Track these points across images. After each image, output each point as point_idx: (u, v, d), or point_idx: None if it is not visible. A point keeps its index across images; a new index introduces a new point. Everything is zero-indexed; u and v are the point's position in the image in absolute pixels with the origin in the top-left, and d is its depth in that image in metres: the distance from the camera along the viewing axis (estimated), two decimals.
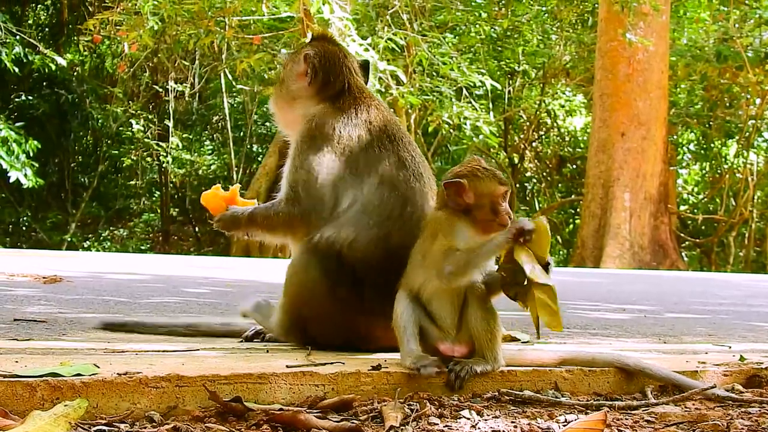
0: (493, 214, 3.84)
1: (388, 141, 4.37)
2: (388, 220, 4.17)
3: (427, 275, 3.84)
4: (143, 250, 38.63)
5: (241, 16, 25.48)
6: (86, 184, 37.74)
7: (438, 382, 3.65)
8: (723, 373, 4.15)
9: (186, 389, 3.18)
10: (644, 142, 33.28)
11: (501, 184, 3.88)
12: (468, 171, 3.92)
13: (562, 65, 41.80)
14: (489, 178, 3.88)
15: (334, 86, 4.61)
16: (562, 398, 3.68)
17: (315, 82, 4.64)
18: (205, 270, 15.79)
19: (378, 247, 4.14)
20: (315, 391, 3.41)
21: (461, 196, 3.87)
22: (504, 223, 3.82)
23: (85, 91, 35.54)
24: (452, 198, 3.89)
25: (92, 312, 6.71)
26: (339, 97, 4.56)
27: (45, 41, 33.40)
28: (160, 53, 34.22)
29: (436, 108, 27.59)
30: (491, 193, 3.86)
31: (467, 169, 3.92)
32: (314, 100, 4.60)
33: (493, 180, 3.88)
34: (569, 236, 44.49)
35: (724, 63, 38.02)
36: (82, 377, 3.07)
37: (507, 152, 43.76)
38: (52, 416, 2.80)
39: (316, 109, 4.55)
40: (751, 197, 41.18)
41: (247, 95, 38.99)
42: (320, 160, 4.37)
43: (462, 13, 32.64)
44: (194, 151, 40.87)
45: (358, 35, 21.66)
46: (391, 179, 4.25)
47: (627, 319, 8.63)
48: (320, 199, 4.33)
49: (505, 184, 3.90)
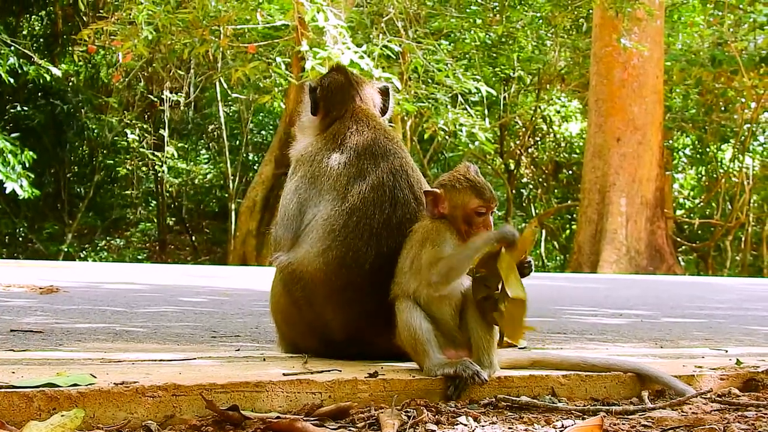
0: (467, 226, 3.86)
1: (356, 158, 4.37)
2: (331, 234, 4.20)
3: (418, 282, 3.85)
4: (140, 259, 38.60)
5: (235, 25, 25.48)
6: (82, 194, 37.69)
7: (435, 388, 3.66)
8: (720, 377, 4.15)
9: (183, 398, 3.17)
10: (640, 147, 33.31)
11: (478, 197, 3.86)
12: (448, 181, 3.94)
13: (557, 71, 41.83)
14: (466, 189, 3.88)
15: (333, 116, 4.65)
16: (559, 404, 3.68)
17: (319, 113, 4.71)
18: (202, 279, 15.79)
19: (319, 260, 4.20)
20: (312, 399, 3.41)
21: (437, 205, 3.92)
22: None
23: (81, 102, 35.53)
24: (429, 206, 3.94)
25: (89, 322, 6.71)
26: (334, 125, 4.60)
27: (40, 52, 33.39)
28: (155, 63, 34.26)
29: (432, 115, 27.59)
30: (465, 205, 3.87)
31: (448, 179, 3.95)
32: (318, 130, 4.65)
33: (470, 192, 3.87)
34: (566, 242, 44.51)
35: (719, 67, 38.07)
36: (79, 387, 3.06)
37: (503, 158, 43.78)
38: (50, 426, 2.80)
39: (313, 139, 4.60)
40: (747, 201, 41.22)
41: (243, 104, 39.01)
42: (296, 185, 4.48)
43: (457, 20, 32.65)
44: (190, 161, 40.89)
45: (353, 43, 21.66)
46: (344, 193, 4.27)
47: (624, 323, 8.64)
48: (291, 222, 4.42)
49: (484, 197, 3.86)
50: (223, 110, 39.01)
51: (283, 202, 4.52)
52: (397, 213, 4.23)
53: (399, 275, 3.94)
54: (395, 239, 4.13)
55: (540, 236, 44.85)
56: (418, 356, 3.83)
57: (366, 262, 4.13)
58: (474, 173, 3.94)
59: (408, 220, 4.20)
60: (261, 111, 40.54)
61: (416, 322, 3.82)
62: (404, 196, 4.29)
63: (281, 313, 4.51)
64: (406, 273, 3.91)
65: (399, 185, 4.30)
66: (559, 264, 44.28)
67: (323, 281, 4.18)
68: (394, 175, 4.31)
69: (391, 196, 4.26)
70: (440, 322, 3.89)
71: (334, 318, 4.24)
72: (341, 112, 4.63)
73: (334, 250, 4.16)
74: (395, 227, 4.19)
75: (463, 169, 3.96)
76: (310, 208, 4.34)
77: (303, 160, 4.53)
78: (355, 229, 4.18)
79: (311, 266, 4.20)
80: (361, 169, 4.33)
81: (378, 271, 4.10)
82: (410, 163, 4.46)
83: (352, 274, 4.13)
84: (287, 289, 4.34)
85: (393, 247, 4.11)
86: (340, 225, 4.19)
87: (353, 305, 4.17)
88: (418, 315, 3.84)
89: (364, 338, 4.20)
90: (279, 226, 4.49)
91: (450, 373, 3.69)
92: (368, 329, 4.17)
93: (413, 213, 4.24)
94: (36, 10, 37.18)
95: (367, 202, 4.23)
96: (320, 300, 4.24)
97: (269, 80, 30.82)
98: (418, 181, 4.39)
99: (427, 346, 3.79)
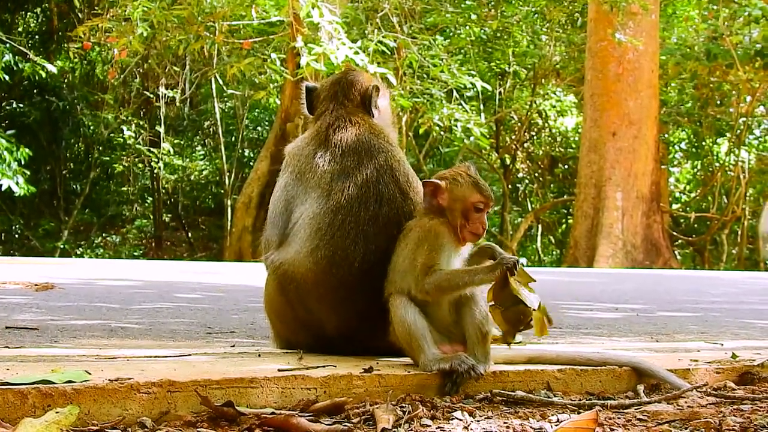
0: (465, 221, 3.89)
1: (340, 155, 4.37)
2: (318, 233, 4.20)
3: (413, 281, 3.86)
4: (136, 256, 38.56)
5: (230, 21, 25.47)
6: (78, 191, 37.67)
7: (431, 383, 3.66)
8: (715, 371, 4.16)
9: (178, 394, 3.17)
10: (635, 142, 33.31)
11: (479, 193, 3.93)
12: (450, 174, 3.99)
13: (553, 66, 41.82)
14: (468, 184, 3.95)
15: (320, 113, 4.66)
16: (555, 398, 3.68)
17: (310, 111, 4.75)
18: (197, 275, 15.77)
19: (308, 260, 4.20)
20: (307, 395, 3.41)
21: (436, 196, 3.96)
22: (475, 231, 3.92)
23: (76, 98, 35.48)
24: (428, 197, 3.98)
25: (84, 319, 6.70)
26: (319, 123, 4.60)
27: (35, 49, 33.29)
28: (150, 59, 34.21)
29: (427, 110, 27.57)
30: (465, 199, 3.92)
31: (450, 173, 4.01)
32: (310, 128, 4.66)
33: (472, 187, 3.94)
34: (562, 236, 44.54)
35: (714, 61, 38.02)
36: (74, 384, 3.06)
37: (498, 153, 43.78)
38: (44, 423, 2.79)
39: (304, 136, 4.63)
40: (743, 195, 41.23)
41: (238, 100, 38.96)
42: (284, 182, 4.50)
43: (452, 15, 32.61)
44: (186, 157, 40.84)
45: (348, 38, 21.64)
46: (329, 191, 4.27)
47: (619, 318, 8.65)
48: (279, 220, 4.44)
49: (484, 193, 3.94)
50: (219, 106, 38.96)
51: (272, 199, 4.54)
52: (383, 210, 4.22)
53: (393, 273, 3.94)
54: (383, 236, 4.14)
55: (536, 231, 44.90)
56: (413, 352, 3.83)
57: (355, 260, 4.13)
58: (474, 172, 4.01)
59: (395, 216, 4.20)
60: (256, 107, 40.53)
61: (411, 318, 3.82)
62: (390, 192, 4.27)
63: (275, 312, 4.52)
64: (401, 271, 3.91)
65: (384, 181, 4.29)
66: (556, 259, 44.28)
67: (314, 281, 4.18)
68: (379, 171, 4.30)
69: (375, 192, 4.25)
70: (435, 318, 3.90)
71: (327, 317, 4.24)
72: (325, 109, 4.63)
73: (323, 250, 4.16)
74: (382, 224, 4.18)
75: (464, 167, 4.03)
76: (297, 206, 4.35)
77: (291, 155, 4.55)
78: (341, 227, 4.17)
79: (302, 267, 4.20)
80: (344, 166, 4.32)
81: (368, 269, 4.11)
82: (397, 158, 4.43)
83: (342, 273, 4.13)
84: (280, 290, 4.34)
85: (381, 245, 4.12)
86: (326, 224, 4.19)
87: (346, 304, 4.17)
88: (413, 311, 3.84)
89: (358, 336, 4.21)
90: (268, 224, 4.51)
91: (446, 368, 3.70)
92: (362, 327, 4.17)
93: (400, 209, 4.23)
94: (31, 6, 37.13)
95: (351, 200, 4.22)
96: (313, 300, 4.24)
97: (264, 76, 30.84)
98: (406, 176, 4.37)
99: (422, 341, 3.80)
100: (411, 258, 3.87)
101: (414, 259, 3.86)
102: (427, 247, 3.86)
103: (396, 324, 3.87)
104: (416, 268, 3.84)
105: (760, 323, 8.34)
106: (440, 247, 3.86)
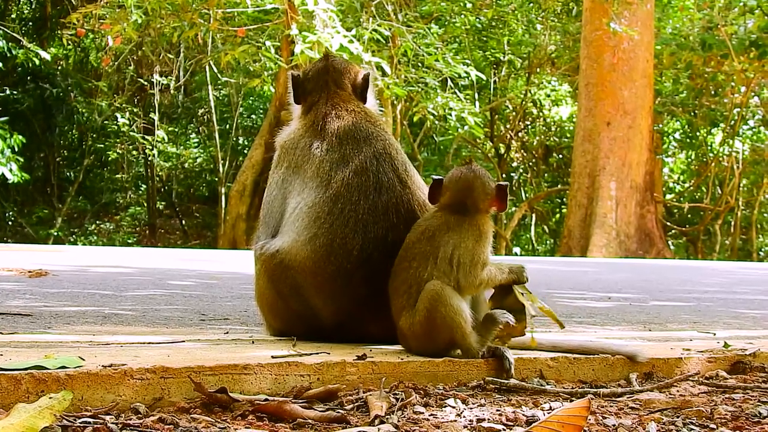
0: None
1: (338, 143, 4.34)
2: (316, 221, 4.17)
3: (467, 273, 3.89)
4: (130, 243, 38.56)
5: (225, 9, 25.42)
6: (72, 178, 37.65)
7: (424, 371, 3.66)
8: (707, 360, 4.17)
9: (171, 381, 3.17)
10: (630, 131, 33.36)
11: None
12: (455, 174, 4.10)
13: (548, 55, 41.85)
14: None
15: (311, 102, 4.63)
16: (547, 386, 3.69)
17: (301, 101, 4.70)
18: (191, 263, 15.77)
19: (306, 249, 4.16)
20: (300, 381, 3.41)
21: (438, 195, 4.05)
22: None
23: (70, 85, 35.45)
24: (432, 194, 4.04)
25: (78, 305, 6.70)
26: (312, 112, 4.58)
27: (28, 35, 33.29)
28: (144, 46, 34.18)
29: (422, 99, 27.60)
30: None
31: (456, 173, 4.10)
32: (300, 118, 4.63)
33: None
34: (556, 226, 44.62)
35: (709, 51, 38.09)
36: (67, 370, 3.06)
37: (493, 142, 43.82)
38: (37, 409, 2.79)
39: (295, 126, 4.60)
40: (736, 185, 41.33)
41: (233, 87, 38.96)
42: (279, 174, 4.47)
43: (447, 4, 32.63)
44: (180, 144, 40.84)
45: (343, 27, 21.64)
46: (327, 180, 4.24)
47: (612, 307, 8.66)
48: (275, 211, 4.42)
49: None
50: (213, 94, 38.95)
51: (267, 190, 4.51)
52: (382, 198, 4.20)
53: (442, 262, 3.92)
54: (382, 225, 4.13)
55: (530, 220, 44.96)
56: (464, 339, 3.82)
57: (354, 249, 4.10)
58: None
59: (394, 204, 4.19)
60: (251, 95, 40.53)
61: (462, 305, 3.85)
62: (389, 180, 4.25)
63: (267, 305, 4.47)
64: (459, 263, 3.91)
65: (383, 169, 4.27)
66: (549, 248, 44.38)
67: (312, 270, 4.15)
68: (378, 159, 4.29)
69: (375, 180, 4.23)
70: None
71: (324, 306, 4.21)
72: (317, 98, 4.61)
73: (321, 238, 4.13)
74: (381, 212, 4.16)
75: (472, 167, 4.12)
76: (294, 197, 4.31)
77: (285, 147, 4.51)
78: (340, 215, 4.15)
79: (299, 255, 4.16)
80: (343, 154, 4.30)
81: (366, 257, 4.09)
82: (394, 146, 4.41)
83: (341, 262, 4.11)
84: (274, 279, 4.30)
85: (380, 233, 4.11)
86: (325, 212, 4.16)
87: (343, 292, 4.14)
88: (460, 299, 3.87)
89: (354, 325, 4.20)
90: (263, 222, 4.49)
91: (500, 353, 3.79)
92: (359, 316, 4.16)
93: (399, 197, 4.22)
94: None
95: (351, 188, 4.19)
96: (310, 289, 4.20)
97: (259, 64, 30.81)
98: (403, 164, 4.36)
99: (469, 328, 3.84)
100: (472, 253, 3.90)
101: (475, 253, 3.90)
102: (487, 245, 3.95)
103: (447, 311, 3.84)
104: (476, 264, 3.88)
105: (752, 313, 8.36)
106: (485, 240, 3.97)
